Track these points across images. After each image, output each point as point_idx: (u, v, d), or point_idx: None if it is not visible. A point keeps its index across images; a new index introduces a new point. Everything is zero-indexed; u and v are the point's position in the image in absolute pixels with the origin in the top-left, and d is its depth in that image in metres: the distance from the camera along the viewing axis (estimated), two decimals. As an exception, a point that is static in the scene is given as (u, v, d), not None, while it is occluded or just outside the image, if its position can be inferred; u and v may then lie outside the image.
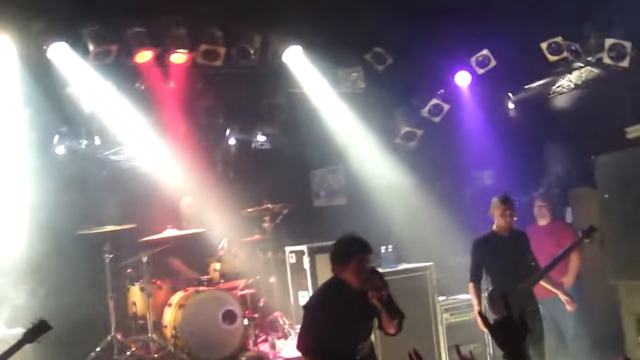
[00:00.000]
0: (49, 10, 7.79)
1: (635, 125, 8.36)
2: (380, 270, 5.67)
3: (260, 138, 10.17)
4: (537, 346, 7.27)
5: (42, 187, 8.22)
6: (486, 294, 7.35)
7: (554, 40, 8.96)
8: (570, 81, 9.76)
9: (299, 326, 8.10)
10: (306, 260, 8.47)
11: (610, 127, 8.88)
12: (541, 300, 9.38)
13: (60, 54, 8.01)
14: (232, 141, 10.27)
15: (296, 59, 9.36)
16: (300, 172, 10.94)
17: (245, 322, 8.05)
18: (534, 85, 10.09)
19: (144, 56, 8.39)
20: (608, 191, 8.21)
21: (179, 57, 8.60)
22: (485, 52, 9.68)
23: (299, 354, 7.44)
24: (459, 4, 8.77)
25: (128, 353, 7.80)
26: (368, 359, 5.38)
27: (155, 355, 7.87)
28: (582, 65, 9.17)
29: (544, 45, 9.03)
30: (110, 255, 8.03)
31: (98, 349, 7.74)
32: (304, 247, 8.57)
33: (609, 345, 9.12)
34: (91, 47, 7.97)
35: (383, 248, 8.84)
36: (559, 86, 9.97)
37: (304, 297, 8.50)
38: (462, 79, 10.18)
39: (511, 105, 10.44)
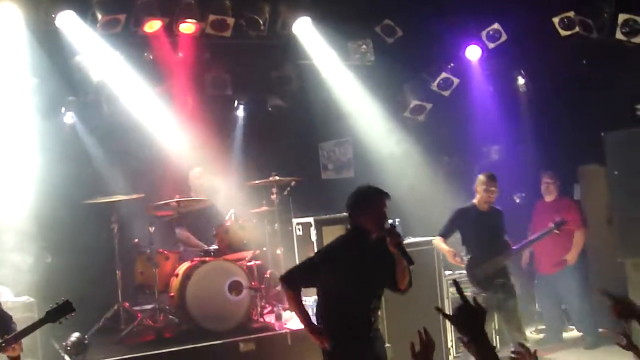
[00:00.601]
0: (57, -22, 7.77)
1: (646, 103, 8.32)
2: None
3: (269, 110, 10.14)
4: (512, 319, 7.57)
5: (49, 155, 8.22)
6: (465, 259, 7.74)
7: (566, 14, 8.86)
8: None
9: (305, 297, 8.14)
10: (313, 232, 8.48)
11: (620, 104, 8.83)
12: (546, 275, 9.47)
13: (68, 22, 7.98)
14: (240, 112, 10.25)
15: (305, 31, 9.29)
16: (309, 145, 10.91)
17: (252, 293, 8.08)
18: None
19: (153, 26, 8.35)
20: (617, 168, 8.17)
21: (187, 27, 8.54)
22: (496, 26, 9.60)
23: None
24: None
25: (135, 322, 7.84)
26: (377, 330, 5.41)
27: (162, 325, 7.92)
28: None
29: (555, 19, 8.93)
30: (118, 225, 8.05)
31: (105, 318, 7.79)
32: (311, 219, 8.58)
33: (613, 323, 9.12)
34: (99, 16, 7.92)
35: (390, 221, 8.84)
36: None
37: (311, 269, 8.52)
38: (473, 53, 10.11)
39: (521, 81, 10.37)
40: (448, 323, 8.32)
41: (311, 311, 7.73)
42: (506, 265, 7.73)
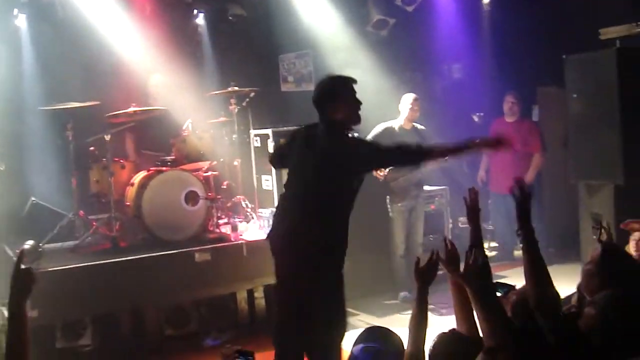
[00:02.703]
0: None
1: (609, 27, 8.29)
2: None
3: (229, 19, 9.93)
4: (415, 224, 8.55)
5: (1, 59, 7.99)
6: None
7: None
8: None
9: (261, 209, 8.23)
10: (271, 144, 8.45)
11: (584, 27, 8.81)
12: (501, 195, 9.64)
13: None
14: (199, 21, 10.04)
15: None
16: (269, 56, 10.74)
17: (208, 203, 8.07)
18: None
19: None
20: (576, 91, 8.21)
21: None
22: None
23: (259, 236, 7.62)
24: None
25: (90, 231, 7.81)
26: None
27: (117, 234, 7.89)
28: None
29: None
30: (73, 133, 7.92)
31: (59, 226, 7.74)
32: (269, 131, 8.55)
33: (565, 243, 9.38)
34: None
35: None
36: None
37: (268, 180, 8.54)
38: (439, -33, 10.00)
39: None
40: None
41: (267, 222, 7.86)
42: (420, 178, 8.48)
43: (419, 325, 3.80)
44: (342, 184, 5.00)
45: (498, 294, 4.05)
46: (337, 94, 5.09)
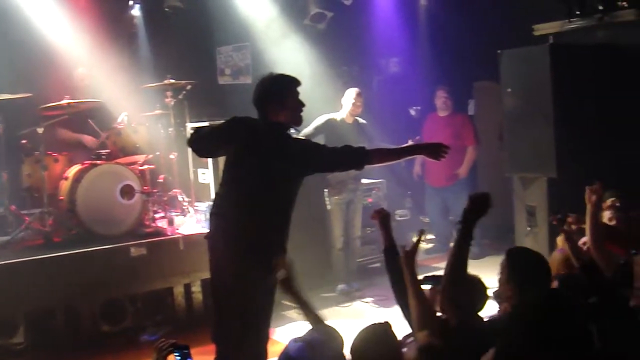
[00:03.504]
0: None
1: (543, 24, 8.46)
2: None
3: (166, 10, 9.81)
4: (354, 217, 8.61)
5: None
6: None
7: None
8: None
9: (198, 203, 8.17)
10: (207, 138, 8.36)
11: (517, 22, 8.97)
12: (437, 188, 9.77)
13: None
14: (135, 12, 9.90)
15: None
16: (206, 48, 10.66)
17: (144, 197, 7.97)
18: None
19: None
20: (511, 85, 8.34)
21: None
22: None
23: (196, 230, 7.57)
24: None
25: (22, 226, 7.64)
26: None
27: (51, 229, 7.73)
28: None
29: None
30: (4, 126, 7.73)
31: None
32: (206, 124, 8.47)
33: (499, 234, 9.53)
34: None
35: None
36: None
37: (204, 174, 8.47)
38: (375, -39, 10.05)
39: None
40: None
41: (204, 216, 7.80)
42: (359, 173, 8.29)
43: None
44: (285, 187, 4.85)
45: (428, 287, 4.26)
46: (281, 96, 4.85)
